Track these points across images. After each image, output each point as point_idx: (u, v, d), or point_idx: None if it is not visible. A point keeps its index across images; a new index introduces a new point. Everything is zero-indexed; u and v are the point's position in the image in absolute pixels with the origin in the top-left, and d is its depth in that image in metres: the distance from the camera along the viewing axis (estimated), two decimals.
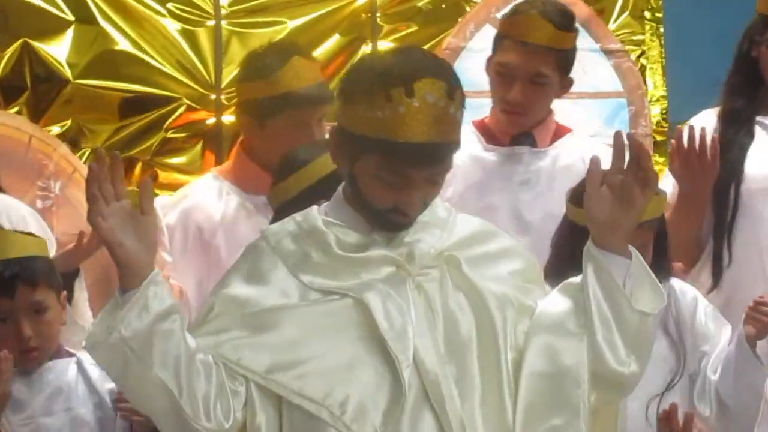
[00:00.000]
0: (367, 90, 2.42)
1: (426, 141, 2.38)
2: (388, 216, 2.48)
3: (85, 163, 4.39)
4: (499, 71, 3.94)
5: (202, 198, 4.08)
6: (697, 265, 3.97)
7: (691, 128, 3.83)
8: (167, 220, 4.01)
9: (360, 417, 2.41)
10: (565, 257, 3.21)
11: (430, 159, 2.43)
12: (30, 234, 3.63)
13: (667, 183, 3.92)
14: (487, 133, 4.05)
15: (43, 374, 3.35)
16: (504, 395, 2.49)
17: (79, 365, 3.44)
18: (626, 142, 2.51)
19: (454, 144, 2.44)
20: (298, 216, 2.61)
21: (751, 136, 4.03)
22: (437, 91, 2.36)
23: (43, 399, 3.32)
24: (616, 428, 2.81)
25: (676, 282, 3.49)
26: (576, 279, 2.57)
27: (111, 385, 3.31)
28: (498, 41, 4.05)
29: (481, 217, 3.17)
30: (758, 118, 4.04)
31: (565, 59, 4.02)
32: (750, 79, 4.06)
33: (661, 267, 3.36)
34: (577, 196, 3.28)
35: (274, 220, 2.99)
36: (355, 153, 2.47)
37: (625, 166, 2.47)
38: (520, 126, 4.05)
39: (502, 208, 3.94)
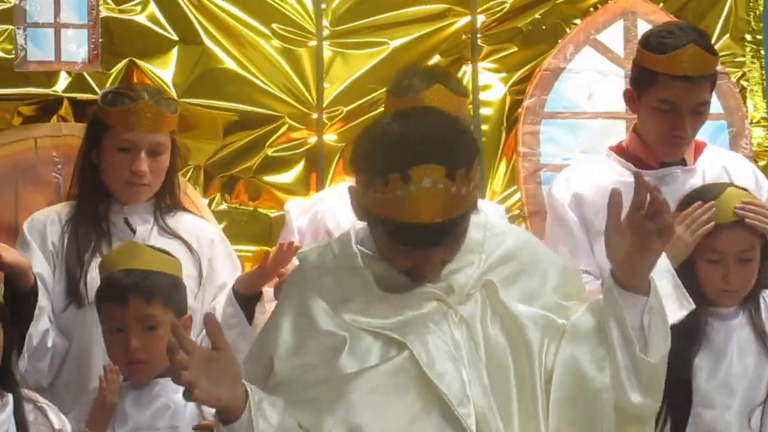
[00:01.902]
0: (367, 170, 2.50)
1: (427, 222, 2.45)
2: (408, 273, 2.57)
3: (188, 180, 4.51)
4: (660, 107, 3.92)
5: (334, 204, 4.08)
6: None
7: None
8: (299, 223, 4.11)
9: None
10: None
11: (435, 236, 2.49)
12: (164, 252, 3.71)
13: None
14: (632, 157, 4.04)
15: (153, 390, 3.42)
16: (539, 422, 2.54)
17: None
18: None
19: (461, 216, 2.52)
20: (335, 247, 2.71)
21: None
22: (435, 176, 2.42)
23: (150, 414, 3.40)
24: None
25: None
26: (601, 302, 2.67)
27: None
28: (651, 77, 3.99)
29: None
30: None
31: (716, 80, 4.09)
32: None
33: (763, 276, 3.49)
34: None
35: None
36: (369, 220, 2.57)
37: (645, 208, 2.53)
38: (682, 154, 4.07)
39: None
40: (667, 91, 3.89)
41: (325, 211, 4.10)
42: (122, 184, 3.92)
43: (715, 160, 4.11)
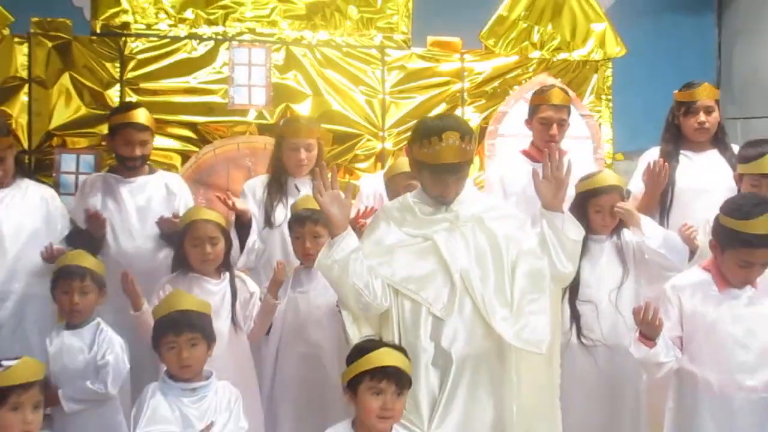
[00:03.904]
0: (420, 137, 3.03)
1: (448, 162, 2.99)
2: (437, 198, 3.10)
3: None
4: (542, 122, 4.59)
5: (370, 181, 4.91)
6: None
7: (656, 162, 4.35)
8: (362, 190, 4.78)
9: (436, 300, 3.04)
10: (573, 211, 3.56)
11: (452, 170, 3.02)
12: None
13: (638, 187, 4.56)
14: (531, 156, 4.69)
15: (317, 273, 3.83)
16: (505, 284, 3.04)
17: None
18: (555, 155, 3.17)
19: (466, 163, 3.03)
20: (401, 200, 3.23)
21: (677, 162, 4.59)
22: (455, 137, 2.96)
23: (312, 284, 3.99)
24: (560, 304, 3.37)
25: (627, 232, 3.97)
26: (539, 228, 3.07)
27: None
28: (536, 108, 4.65)
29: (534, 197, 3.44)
30: (682, 152, 4.64)
31: (570, 111, 4.74)
32: (674, 134, 4.69)
33: (620, 224, 3.93)
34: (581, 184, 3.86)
35: None
36: (419, 168, 3.10)
37: (551, 168, 3.07)
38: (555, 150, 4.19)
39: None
40: (544, 113, 4.57)
41: (365, 184, 4.88)
42: (293, 166, 4.53)
43: (570, 159, 3.82)
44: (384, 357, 2.91)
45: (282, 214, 4.40)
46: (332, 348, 3.90)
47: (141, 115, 4.56)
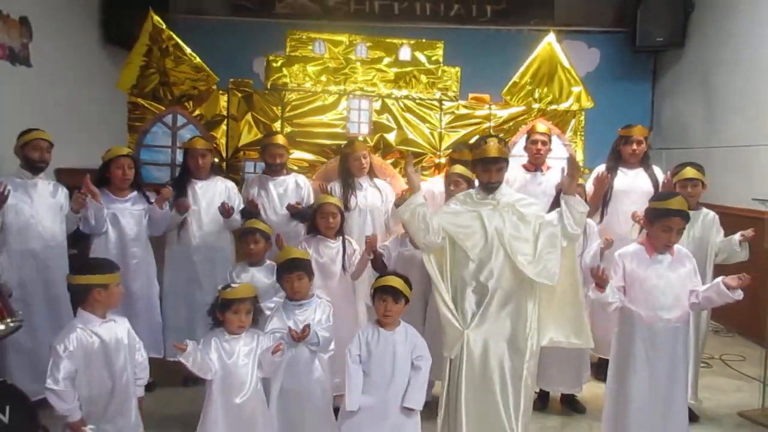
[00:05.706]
0: (475, 144, 3.09)
1: (491, 156, 3.00)
2: (484, 185, 3.07)
3: (398, 172, 5.19)
4: (532, 143, 4.67)
5: (425, 185, 4.52)
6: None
7: (601, 172, 4.33)
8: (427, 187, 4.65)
9: (474, 248, 2.98)
10: (556, 202, 3.29)
11: (494, 162, 3.01)
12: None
13: (589, 187, 4.35)
14: (526, 168, 4.73)
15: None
16: (530, 241, 2.99)
17: None
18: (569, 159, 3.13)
19: (502, 158, 3.02)
20: (466, 191, 3.21)
21: (615, 174, 4.52)
22: (494, 141, 3.01)
23: (412, 247, 3.83)
24: (576, 260, 3.22)
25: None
26: (557, 208, 3.06)
27: None
28: (529, 135, 4.76)
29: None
30: (619, 168, 4.56)
31: (551, 138, 4.78)
32: (616, 156, 4.59)
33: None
34: (560, 185, 3.41)
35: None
36: (475, 163, 3.10)
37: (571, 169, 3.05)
38: (542, 163, 4.73)
39: (534, 194, 4.27)
40: (532, 137, 4.67)
41: (433, 185, 4.68)
42: (357, 170, 4.52)
43: (555, 171, 4.57)
44: (386, 280, 3.07)
45: (353, 202, 4.46)
46: (422, 283, 3.85)
47: (279, 139, 4.72)
